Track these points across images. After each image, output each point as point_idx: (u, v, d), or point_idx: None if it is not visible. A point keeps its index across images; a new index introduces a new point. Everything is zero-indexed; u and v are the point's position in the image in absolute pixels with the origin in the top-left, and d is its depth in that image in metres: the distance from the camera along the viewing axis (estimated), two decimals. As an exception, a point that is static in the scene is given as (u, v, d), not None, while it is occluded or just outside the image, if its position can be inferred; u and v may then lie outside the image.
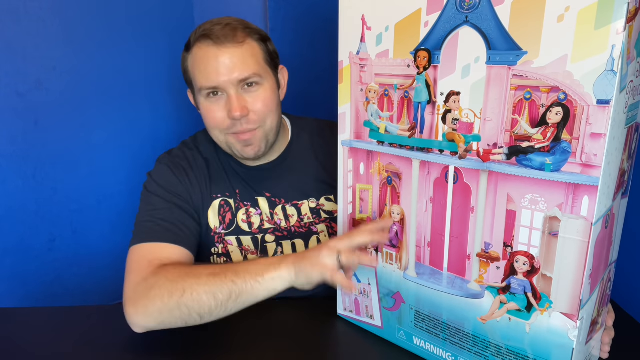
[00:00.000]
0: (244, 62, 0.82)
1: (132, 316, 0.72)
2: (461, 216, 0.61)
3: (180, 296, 0.69)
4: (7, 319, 0.84)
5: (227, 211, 0.91)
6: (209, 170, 0.92)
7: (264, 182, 0.94)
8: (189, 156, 0.93)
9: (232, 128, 0.84)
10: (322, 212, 0.95)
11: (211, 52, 0.81)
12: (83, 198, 1.35)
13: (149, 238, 0.81)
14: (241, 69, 0.81)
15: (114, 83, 1.34)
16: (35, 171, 1.26)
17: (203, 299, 0.69)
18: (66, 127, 1.28)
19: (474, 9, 0.54)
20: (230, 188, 0.92)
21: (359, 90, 0.68)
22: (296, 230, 0.94)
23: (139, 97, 1.39)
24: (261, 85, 0.85)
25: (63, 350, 0.74)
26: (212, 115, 0.84)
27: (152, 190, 0.88)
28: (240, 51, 0.82)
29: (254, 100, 0.84)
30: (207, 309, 0.69)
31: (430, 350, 0.69)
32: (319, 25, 1.33)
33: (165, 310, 0.70)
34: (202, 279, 0.70)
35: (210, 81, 0.82)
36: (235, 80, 0.81)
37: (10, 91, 1.19)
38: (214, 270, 0.71)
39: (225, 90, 0.82)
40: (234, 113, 0.81)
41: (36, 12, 1.18)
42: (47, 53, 1.22)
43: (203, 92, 0.84)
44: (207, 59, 0.81)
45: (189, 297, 0.69)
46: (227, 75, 0.81)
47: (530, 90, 0.52)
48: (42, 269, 1.32)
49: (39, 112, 1.24)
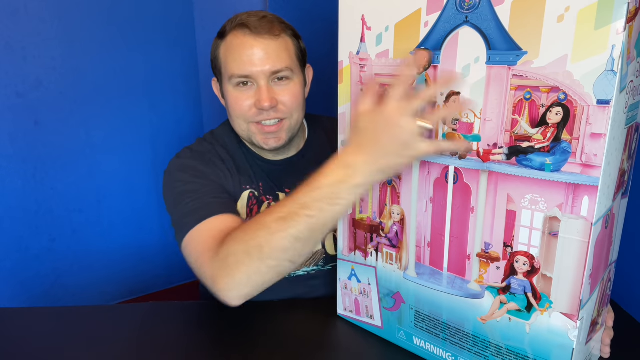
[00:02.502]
0: (278, 55, 0.83)
1: (224, 292, 0.67)
2: (461, 216, 0.61)
3: (259, 252, 0.64)
4: (7, 319, 0.84)
5: (254, 204, 0.91)
6: (235, 161, 0.92)
7: (284, 177, 0.94)
8: (212, 149, 0.91)
9: (257, 117, 0.85)
10: None
11: (247, 41, 0.82)
12: (83, 198, 1.35)
13: (199, 218, 0.78)
14: (274, 61, 0.82)
15: (114, 83, 1.34)
16: (35, 171, 1.27)
17: (285, 245, 0.63)
18: (66, 127, 1.28)
19: (474, 9, 0.54)
20: (255, 181, 0.92)
21: (359, 90, 0.68)
22: None
23: (139, 97, 1.39)
24: (291, 80, 0.86)
25: (63, 350, 0.74)
26: (239, 103, 0.85)
27: (181, 179, 0.84)
28: (275, 44, 0.83)
29: (284, 92, 0.85)
30: (293, 252, 0.64)
31: (430, 350, 0.69)
32: (319, 25, 1.33)
33: (252, 271, 0.65)
34: (272, 226, 0.63)
35: (242, 70, 0.82)
36: (268, 72, 0.82)
37: (10, 91, 1.19)
38: (277, 214, 0.64)
39: (256, 81, 0.83)
40: (264, 103, 0.82)
41: (36, 12, 1.19)
42: (47, 53, 1.22)
43: (233, 80, 0.84)
44: (243, 47, 0.82)
45: (269, 250, 0.63)
46: (261, 66, 0.82)
47: (530, 91, 0.52)
48: (42, 269, 1.32)
49: (39, 112, 1.24)
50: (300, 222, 0.62)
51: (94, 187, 1.36)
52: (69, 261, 1.35)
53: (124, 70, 1.34)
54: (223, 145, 0.93)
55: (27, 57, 1.19)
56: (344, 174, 0.60)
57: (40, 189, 1.28)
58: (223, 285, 0.67)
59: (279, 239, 0.63)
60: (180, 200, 0.83)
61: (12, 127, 1.21)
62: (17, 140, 1.22)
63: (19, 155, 1.23)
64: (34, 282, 1.31)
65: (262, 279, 0.66)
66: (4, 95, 1.18)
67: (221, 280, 0.67)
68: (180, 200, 0.83)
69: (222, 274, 0.67)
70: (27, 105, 1.21)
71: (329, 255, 0.94)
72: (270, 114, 0.84)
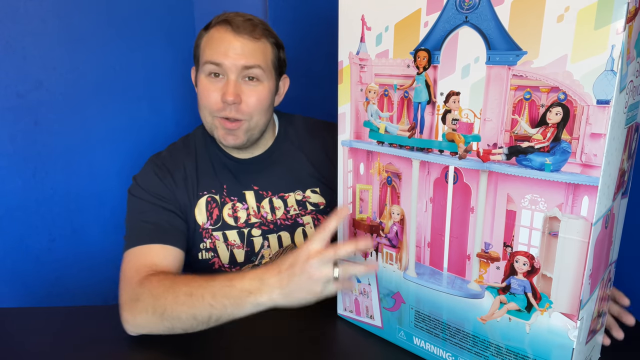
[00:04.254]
0: (252, 54, 0.86)
1: (124, 322, 0.75)
2: (461, 216, 0.61)
3: (161, 313, 0.70)
4: (7, 319, 0.84)
5: (213, 207, 0.93)
6: (197, 167, 0.94)
7: (251, 175, 0.96)
8: (176, 156, 0.95)
9: (222, 112, 0.86)
10: (307, 204, 0.98)
11: (227, 36, 0.85)
12: (83, 198, 1.35)
13: (138, 241, 0.83)
14: (247, 58, 0.85)
15: (114, 83, 1.34)
16: (35, 171, 1.26)
17: (182, 318, 0.70)
18: (66, 127, 1.28)
19: (474, 9, 0.54)
20: (217, 184, 0.94)
21: (359, 90, 0.68)
22: (282, 223, 0.96)
23: (139, 97, 1.39)
24: (261, 82, 0.88)
25: (63, 350, 0.74)
26: (206, 94, 0.87)
27: (137, 195, 0.90)
28: (253, 45, 0.86)
29: (250, 93, 0.87)
30: (188, 325, 0.70)
31: (430, 350, 0.69)
32: (319, 26, 1.33)
33: (151, 323, 0.72)
34: (180, 298, 0.69)
35: (215, 58, 0.85)
36: (240, 66, 0.85)
37: (10, 91, 1.19)
38: (191, 290, 0.69)
39: (226, 74, 0.85)
40: (228, 97, 0.84)
41: (36, 12, 1.18)
42: (47, 53, 1.22)
43: (206, 68, 0.86)
44: (221, 40, 0.85)
45: (170, 316, 0.70)
46: (233, 59, 0.84)
47: (530, 90, 0.52)
48: (42, 269, 1.32)
49: (39, 112, 1.23)
50: (203, 306, 0.68)
51: (94, 187, 1.35)
52: (69, 261, 1.35)
53: (124, 70, 1.34)
54: (190, 149, 0.96)
55: (27, 57, 1.19)
56: (255, 287, 0.66)
57: (40, 188, 1.27)
58: (125, 318, 0.74)
59: (180, 311, 0.69)
60: (129, 213, 0.89)
61: (12, 127, 1.21)
62: (17, 140, 1.22)
63: (18, 155, 1.23)
64: (34, 282, 1.31)
65: (157, 330, 0.73)
66: (4, 95, 1.18)
67: (125, 313, 0.74)
68: (129, 212, 0.89)
69: (128, 309, 0.74)
70: (27, 105, 1.21)
71: None
72: (232, 111, 0.86)
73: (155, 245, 0.82)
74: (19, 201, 1.25)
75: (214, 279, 0.70)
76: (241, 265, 0.94)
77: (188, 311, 0.69)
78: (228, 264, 0.94)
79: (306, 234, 0.97)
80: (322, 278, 0.63)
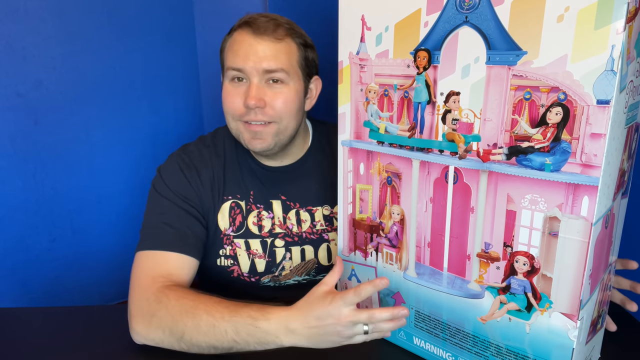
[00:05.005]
0: (275, 56, 0.82)
1: (133, 332, 0.73)
2: (461, 216, 0.61)
3: (179, 337, 0.69)
4: (7, 319, 0.84)
5: (237, 213, 0.90)
6: (225, 169, 0.91)
7: (280, 184, 0.93)
8: (205, 154, 0.91)
9: (245, 116, 0.84)
10: (334, 220, 0.94)
11: (247, 39, 0.83)
12: (83, 198, 1.35)
13: (155, 245, 0.80)
14: (270, 61, 0.82)
15: (114, 83, 1.34)
16: (35, 171, 1.26)
17: (202, 347, 0.69)
18: (66, 127, 1.28)
19: (474, 9, 0.54)
20: (244, 189, 0.91)
21: (359, 90, 0.68)
22: (307, 237, 0.93)
23: (138, 97, 1.39)
24: (286, 85, 0.84)
25: (63, 350, 0.74)
26: (229, 99, 0.85)
27: (161, 192, 0.86)
28: (276, 46, 0.83)
29: (275, 96, 0.83)
30: (205, 352, 0.70)
31: (430, 350, 0.69)
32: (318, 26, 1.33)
33: (166, 341, 0.71)
34: (202, 327, 0.68)
35: (236, 63, 0.83)
36: (261, 70, 0.82)
37: (10, 91, 1.19)
38: (213, 320, 0.68)
39: (249, 78, 0.83)
40: (250, 101, 0.81)
41: (36, 11, 1.18)
42: (47, 53, 1.22)
43: (229, 74, 0.85)
44: (242, 43, 0.83)
45: (188, 342, 0.69)
46: (254, 63, 0.82)
47: (530, 90, 0.52)
48: (42, 269, 1.32)
49: (39, 112, 1.23)
50: (225, 339, 0.67)
51: (94, 187, 1.35)
52: (69, 261, 1.35)
53: (124, 70, 1.34)
54: (219, 149, 0.93)
55: (27, 57, 1.19)
56: (281, 333, 0.66)
57: (40, 189, 1.27)
58: (136, 329, 0.72)
59: (200, 340, 0.68)
60: (150, 209, 0.86)
61: (12, 127, 1.20)
62: (17, 140, 1.22)
63: (18, 155, 1.23)
64: (34, 282, 1.31)
65: (169, 347, 0.71)
66: (4, 95, 1.18)
67: (137, 325, 0.72)
68: (149, 209, 0.86)
69: (141, 322, 0.72)
70: (27, 105, 1.21)
71: (322, 265, 0.94)
72: (257, 115, 0.83)
73: (173, 254, 0.80)
74: (19, 201, 1.25)
75: (237, 311, 0.68)
76: (260, 275, 0.91)
77: (209, 342, 0.68)
78: (248, 273, 0.91)
79: (330, 251, 0.94)
80: (351, 335, 0.65)
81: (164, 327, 0.70)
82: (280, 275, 0.92)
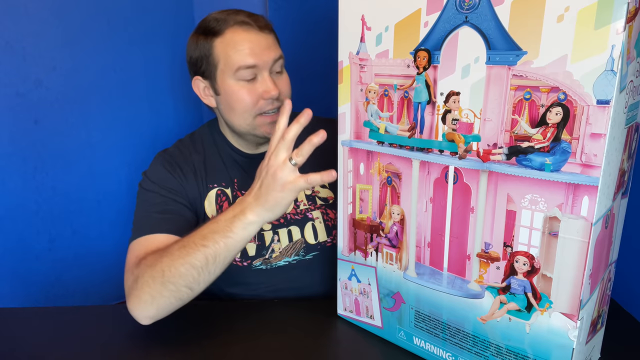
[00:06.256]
0: (275, 45, 0.90)
1: (132, 310, 0.74)
2: (461, 216, 0.61)
3: (161, 277, 0.71)
4: (7, 319, 0.84)
5: (223, 200, 0.94)
6: (205, 161, 0.96)
7: None
8: (184, 151, 0.96)
9: (265, 107, 0.88)
10: (317, 199, 0.98)
11: (250, 35, 0.86)
12: (83, 198, 1.35)
13: (144, 231, 0.83)
14: (273, 51, 0.88)
15: (114, 83, 1.34)
16: (35, 171, 1.26)
17: (182, 272, 0.70)
18: (66, 127, 1.28)
19: (474, 9, 0.54)
20: (228, 177, 0.96)
21: (359, 90, 0.68)
22: (292, 218, 0.96)
23: (138, 97, 1.39)
24: (284, 72, 0.92)
25: (63, 350, 0.74)
26: (244, 97, 0.87)
27: (147, 187, 0.91)
28: (270, 37, 0.89)
29: (281, 83, 0.90)
30: (190, 278, 0.71)
31: (430, 350, 0.69)
32: (319, 25, 1.33)
33: (155, 293, 0.72)
34: (175, 253, 0.72)
35: (247, 60, 0.85)
36: (271, 61, 0.87)
37: (10, 91, 1.19)
38: (182, 243, 0.73)
39: (260, 72, 0.87)
40: (272, 92, 0.86)
41: (36, 12, 1.18)
42: (47, 53, 1.22)
43: (239, 73, 0.86)
44: (247, 41, 0.86)
45: (169, 274, 0.71)
46: (267, 55, 0.86)
47: (530, 90, 0.52)
48: (42, 269, 1.32)
49: (39, 111, 1.23)
50: (197, 250, 0.70)
51: (94, 187, 1.35)
52: (69, 261, 1.35)
53: (124, 70, 1.34)
54: (198, 146, 0.97)
55: (27, 57, 1.19)
56: (238, 210, 0.70)
57: (40, 189, 1.27)
58: (132, 304, 0.73)
59: (178, 265, 0.71)
60: (138, 205, 0.90)
61: (12, 127, 1.20)
62: (16, 140, 1.22)
63: (18, 155, 1.23)
64: (34, 282, 1.31)
65: (164, 302, 0.72)
66: (4, 95, 1.18)
67: (131, 299, 0.74)
68: (138, 205, 0.90)
69: (132, 293, 0.73)
70: (27, 105, 1.21)
71: (309, 244, 0.96)
72: (275, 103, 0.88)
73: (161, 235, 0.82)
74: (19, 201, 1.25)
75: (201, 227, 0.73)
76: (252, 259, 0.94)
77: (184, 262, 0.70)
78: (240, 257, 0.94)
79: (315, 229, 0.97)
80: (283, 169, 0.67)
81: (147, 279, 0.72)
82: (271, 258, 0.94)
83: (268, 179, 0.68)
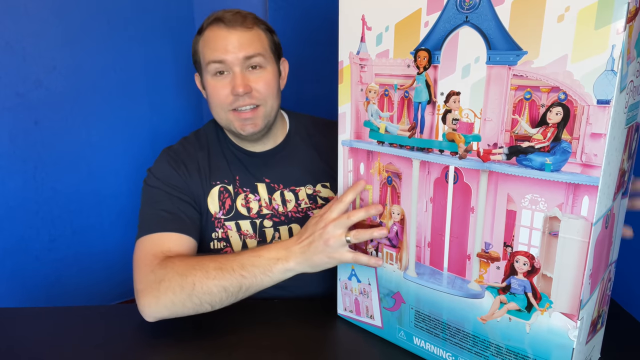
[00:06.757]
0: (250, 43, 0.89)
1: (145, 307, 0.74)
2: (461, 216, 0.61)
3: (191, 289, 0.72)
4: (7, 319, 0.84)
5: (226, 197, 0.95)
6: (209, 159, 0.97)
7: (263, 168, 0.98)
8: (189, 149, 0.97)
9: (234, 104, 0.89)
10: (318, 198, 0.99)
11: (222, 32, 0.88)
12: (83, 198, 1.35)
13: (153, 229, 0.84)
14: (247, 48, 0.88)
15: (114, 83, 1.34)
16: (35, 171, 1.27)
17: (214, 292, 0.72)
18: (66, 127, 1.28)
19: (474, 8, 0.54)
20: (230, 175, 0.97)
21: (359, 90, 0.68)
22: (293, 215, 0.98)
23: (139, 97, 1.39)
24: (264, 69, 0.91)
25: (63, 350, 0.74)
26: (216, 92, 0.90)
27: (152, 184, 0.92)
28: (248, 34, 0.89)
29: (257, 80, 0.90)
30: (217, 299, 0.73)
31: (430, 350, 0.69)
32: (319, 25, 1.33)
33: (178, 301, 0.73)
34: (211, 272, 0.73)
35: (216, 55, 0.88)
36: (242, 58, 0.88)
37: (10, 91, 1.19)
38: (220, 264, 0.73)
39: (231, 68, 0.88)
40: (238, 89, 0.87)
41: (36, 12, 1.18)
42: (47, 53, 1.22)
43: (210, 69, 0.89)
44: (217, 38, 0.89)
45: (200, 290, 0.72)
46: (234, 53, 0.87)
47: (530, 90, 0.52)
48: (42, 269, 1.32)
49: (39, 112, 1.24)
50: (234, 277, 0.72)
51: (94, 187, 1.36)
52: (69, 261, 1.35)
53: (124, 70, 1.34)
54: (202, 143, 0.99)
55: (27, 57, 1.19)
56: (282, 255, 0.72)
57: (40, 189, 1.28)
58: (146, 302, 0.74)
59: (211, 284, 0.72)
60: (144, 202, 0.91)
61: (12, 127, 1.21)
62: (17, 140, 1.22)
63: (18, 155, 1.23)
64: (34, 282, 1.31)
65: (181, 310, 0.74)
66: (4, 95, 1.18)
67: (147, 297, 0.74)
68: (143, 202, 0.91)
69: (151, 292, 0.74)
70: (27, 105, 1.21)
71: None
72: (245, 100, 0.89)
73: (172, 234, 0.84)
74: (19, 201, 1.25)
75: (240, 252, 0.75)
76: None
77: (219, 284, 0.72)
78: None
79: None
80: (336, 242, 0.69)
81: (174, 286, 0.73)
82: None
83: (320, 243, 0.70)
